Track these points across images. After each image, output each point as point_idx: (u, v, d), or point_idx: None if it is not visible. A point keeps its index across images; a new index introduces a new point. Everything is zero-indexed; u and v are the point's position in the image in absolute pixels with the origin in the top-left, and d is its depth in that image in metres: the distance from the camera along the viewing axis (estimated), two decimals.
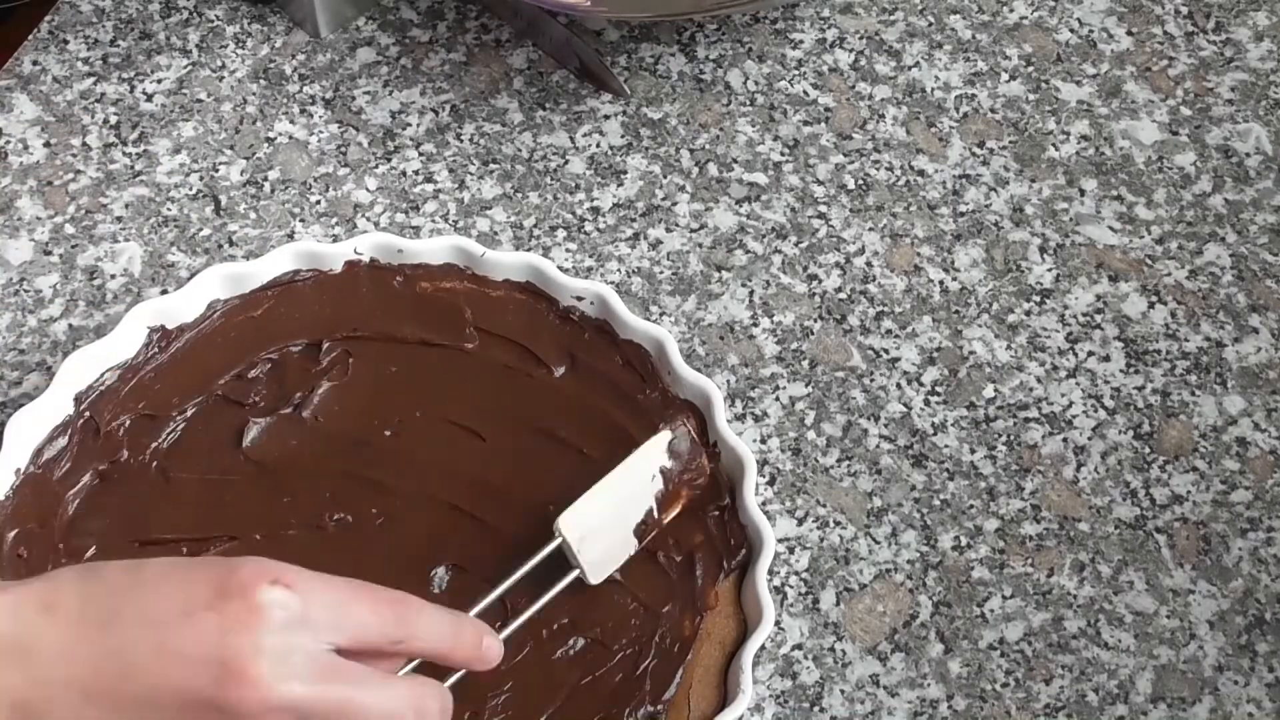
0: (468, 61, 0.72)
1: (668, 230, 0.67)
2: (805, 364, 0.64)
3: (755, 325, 0.65)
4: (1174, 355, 0.65)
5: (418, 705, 0.45)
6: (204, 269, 0.59)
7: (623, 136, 0.70)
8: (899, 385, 0.64)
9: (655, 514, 0.54)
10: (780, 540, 0.60)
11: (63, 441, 0.56)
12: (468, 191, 0.68)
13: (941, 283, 0.67)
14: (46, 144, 0.68)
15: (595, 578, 0.53)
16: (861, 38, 0.74)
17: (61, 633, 0.43)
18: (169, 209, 0.67)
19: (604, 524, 0.53)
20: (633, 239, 0.67)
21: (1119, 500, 0.62)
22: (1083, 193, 0.70)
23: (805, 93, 0.72)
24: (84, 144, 0.68)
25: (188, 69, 0.71)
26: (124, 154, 0.68)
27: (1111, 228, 0.69)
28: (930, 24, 0.75)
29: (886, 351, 0.65)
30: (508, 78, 0.72)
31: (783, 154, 0.70)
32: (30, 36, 0.71)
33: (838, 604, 0.59)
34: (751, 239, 0.67)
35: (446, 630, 0.47)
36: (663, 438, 0.54)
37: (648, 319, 0.64)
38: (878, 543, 0.60)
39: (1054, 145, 0.71)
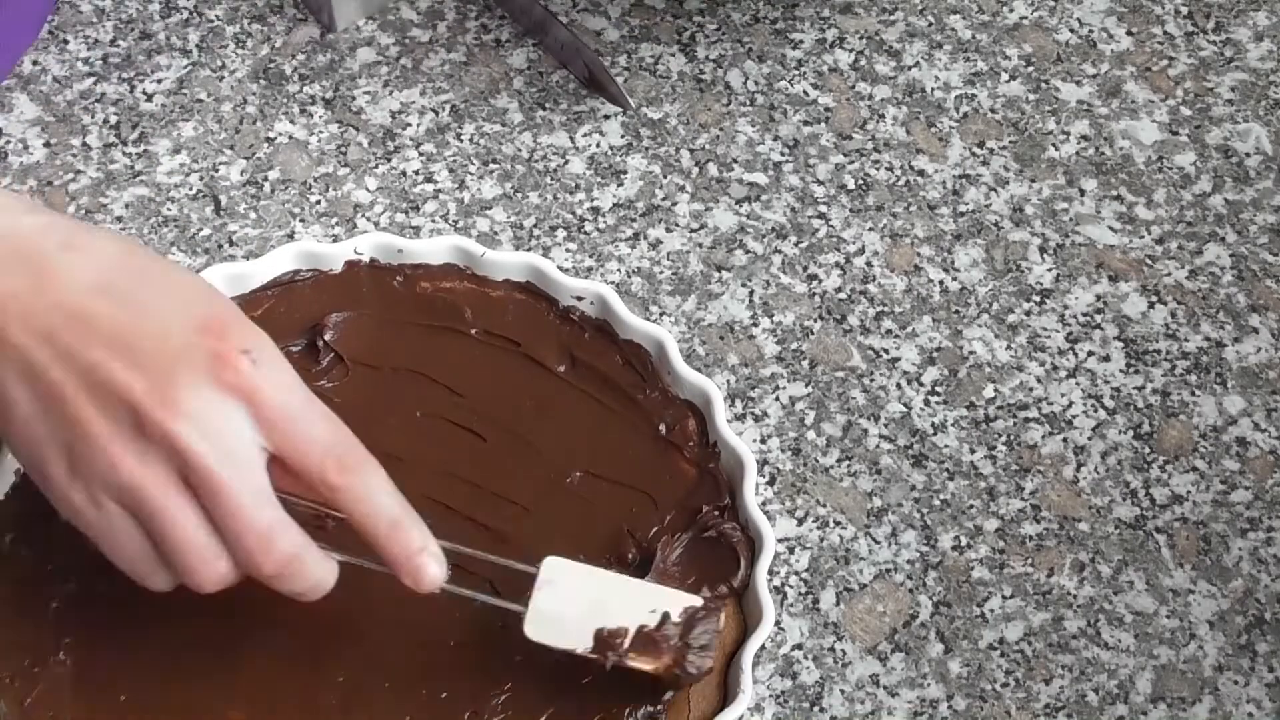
0: (468, 61, 0.72)
1: (668, 230, 0.67)
2: (805, 364, 0.64)
3: (755, 325, 0.65)
4: (1174, 355, 0.66)
5: (271, 539, 0.45)
6: (204, 269, 0.59)
7: (623, 136, 0.70)
8: (899, 385, 0.64)
9: (625, 644, 0.50)
10: (780, 540, 0.60)
11: None
12: (468, 191, 0.68)
13: (941, 283, 0.67)
14: (46, 144, 0.68)
15: (530, 627, 0.50)
16: (861, 38, 0.74)
17: (73, 276, 0.45)
18: (169, 209, 0.67)
19: (576, 597, 0.51)
20: (633, 239, 0.67)
21: (1119, 500, 0.62)
22: (1083, 193, 0.70)
23: (805, 93, 0.72)
24: (84, 144, 0.68)
25: (188, 69, 0.71)
26: (124, 154, 0.68)
27: (1111, 228, 0.69)
28: (930, 24, 0.75)
29: (886, 351, 0.65)
30: (508, 78, 0.72)
31: (783, 154, 0.70)
32: None
33: (838, 604, 0.59)
34: (751, 239, 0.67)
35: (389, 514, 0.47)
36: (691, 601, 0.51)
37: (648, 319, 0.64)
38: (878, 543, 0.60)
39: (1054, 145, 0.71)
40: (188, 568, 0.46)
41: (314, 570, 0.47)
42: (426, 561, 0.47)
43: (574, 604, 0.50)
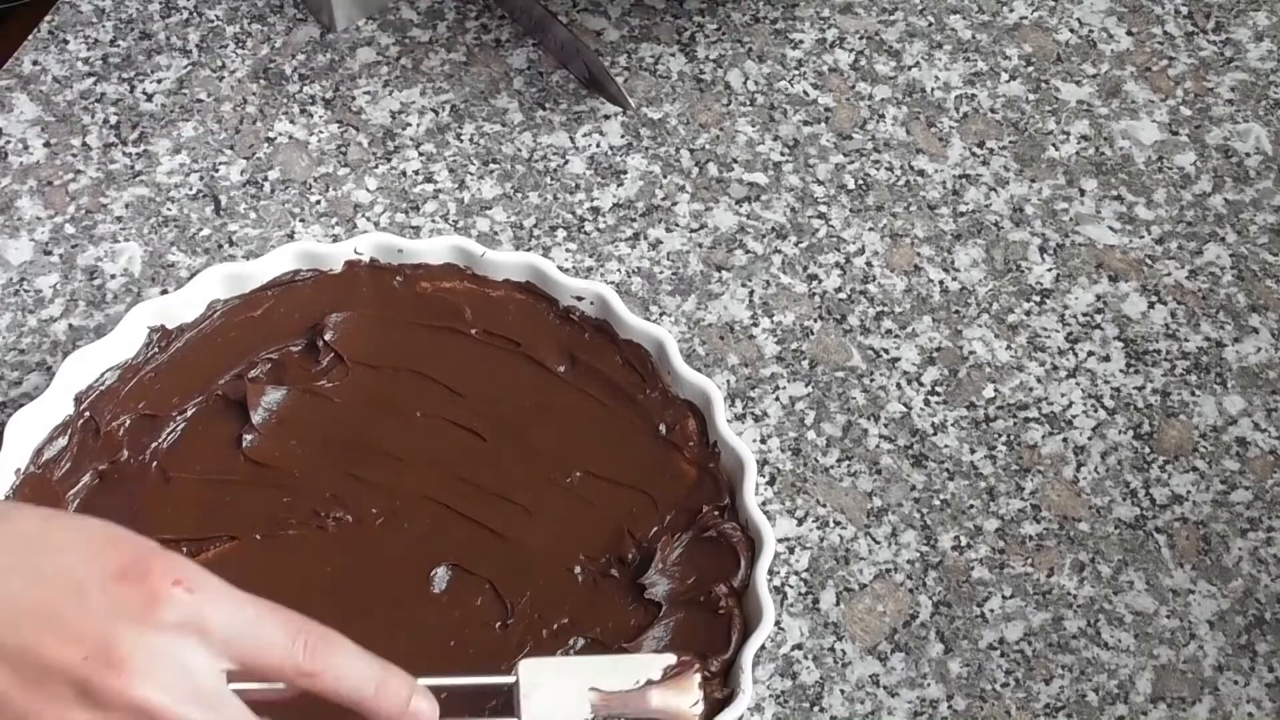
0: (468, 61, 0.72)
1: (668, 230, 0.67)
2: (805, 364, 0.64)
3: (755, 325, 0.65)
4: (1174, 355, 0.66)
5: None
6: (204, 269, 0.59)
7: (623, 136, 0.70)
8: (899, 385, 0.64)
9: None
10: (780, 540, 0.60)
11: (63, 441, 0.56)
12: (468, 191, 0.68)
13: (941, 283, 0.67)
14: (46, 144, 0.68)
15: None
16: (861, 38, 0.74)
17: None
18: (169, 209, 0.67)
19: (562, 692, 0.49)
20: (633, 239, 0.67)
21: (1119, 500, 0.62)
22: (1083, 193, 0.70)
23: (805, 93, 0.72)
24: (84, 144, 0.68)
25: (188, 69, 0.71)
26: (124, 154, 0.68)
27: (1111, 228, 0.69)
28: (930, 24, 0.75)
29: (886, 351, 0.65)
30: (508, 78, 0.72)
31: (783, 154, 0.70)
32: (30, 36, 0.71)
33: (838, 604, 0.59)
34: (751, 239, 0.67)
35: (371, 674, 0.44)
36: (665, 661, 0.51)
37: (648, 319, 0.64)
38: (878, 543, 0.60)
39: (1054, 145, 0.71)
40: None
41: None
42: (419, 706, 0.45)
43: (563, 701, 0.49)
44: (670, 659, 0.51)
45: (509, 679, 0.49)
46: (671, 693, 0.50)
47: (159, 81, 0.70)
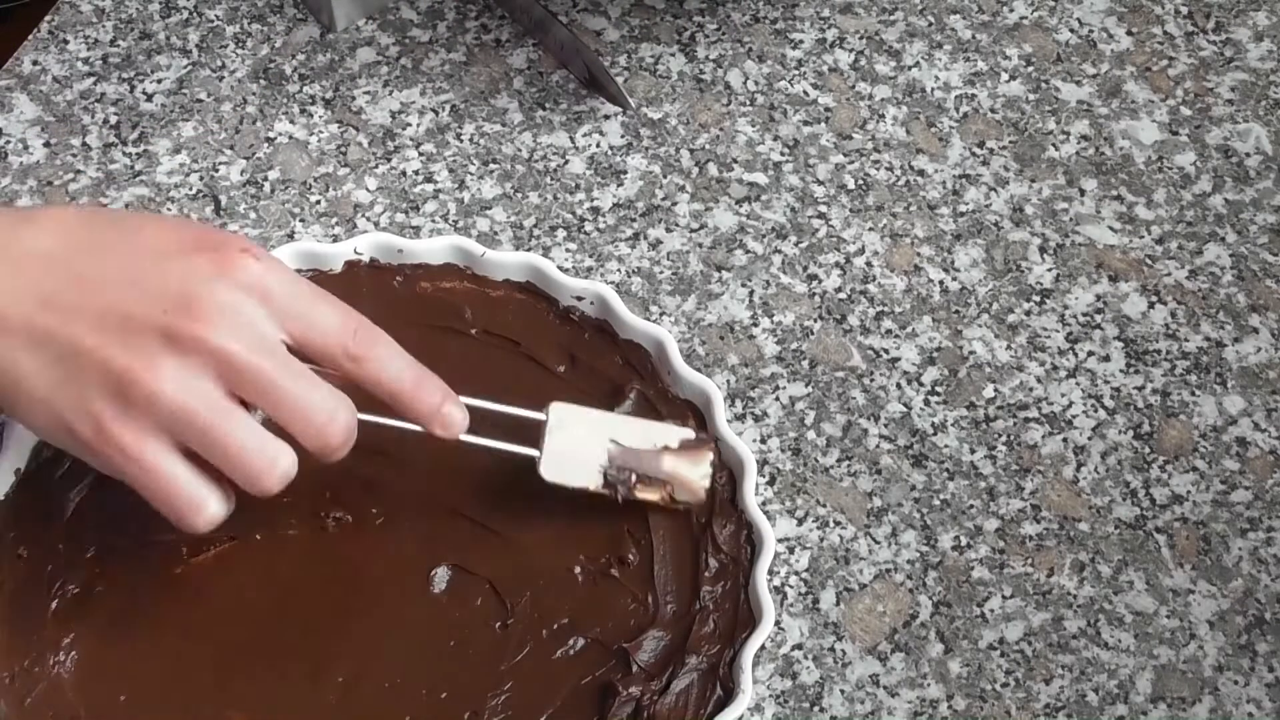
0: (468, 61, 0.72)
1: (668, 230, 0.67)
2: (805, 364, 0.64)
3: (755, 325, 0.65)
4: (1174, 355, 0.66)
5: (333, 413, 0.47)
6: None
7: (623, 136, 0.70)
8: (899, 385, 0.64)
9: (632, 479, 0.54)
10: (780, 540, 0.60)
11: None
12: (468, 191, 0.68)
13: (941, 283, 0.67)
14: (46, 144, 0.68)
15: (545, 470, 0.53)
16: (861, 38, 0.74)
17: (39, 244, 0.46)
18: (169, 209, 0.67)
19: (584, 438, 0.54)
20: (633, 239, 0.67)
21: (1119, 500, 0.62)
22: (1083, 193, 0.70)
23: (805, 93, 0.72)
24: (84, 144, 0.68)
25: (188, 69, 0.71)
26: (124, 154, 0.68)
27: (1111, 228, 0.69)
28: (930, 24, 0.75)
29: (886, 351, 0.65)
30: (508, 78, 0.72)
31: (783, 154, 0.70)
32: (30, 36, 0.71)
33: (838, 604, 0.59)
34: (751, 239, 0.67)
35: (410, 373, 0.49)
36: (685, 434, 0.55)
37: (648, 319, 0.64)
38: (878, 543, 0.60)
39: (1054, 145, 0.71)
40: (251, 473, 0.46)
41: (354, 424, 0.48)
42: (451, 410, 0.50)
43: (583, 445, 0.54)
44: (689, 433, 0.55)
45: (540, 415, 0.54)
46: (684, 462, 0.54)
47: (159, 81, 0.70)
